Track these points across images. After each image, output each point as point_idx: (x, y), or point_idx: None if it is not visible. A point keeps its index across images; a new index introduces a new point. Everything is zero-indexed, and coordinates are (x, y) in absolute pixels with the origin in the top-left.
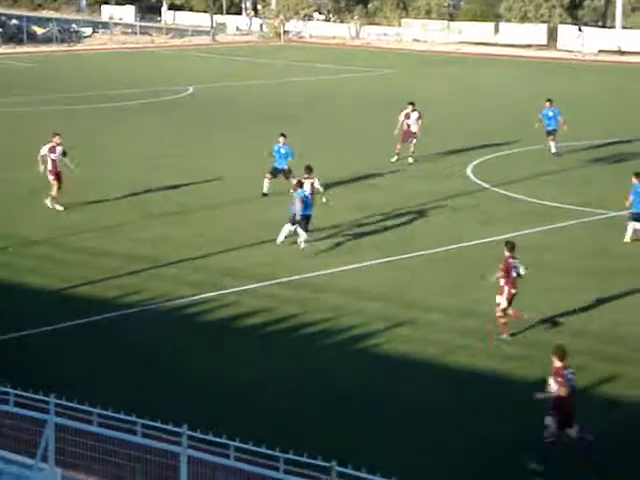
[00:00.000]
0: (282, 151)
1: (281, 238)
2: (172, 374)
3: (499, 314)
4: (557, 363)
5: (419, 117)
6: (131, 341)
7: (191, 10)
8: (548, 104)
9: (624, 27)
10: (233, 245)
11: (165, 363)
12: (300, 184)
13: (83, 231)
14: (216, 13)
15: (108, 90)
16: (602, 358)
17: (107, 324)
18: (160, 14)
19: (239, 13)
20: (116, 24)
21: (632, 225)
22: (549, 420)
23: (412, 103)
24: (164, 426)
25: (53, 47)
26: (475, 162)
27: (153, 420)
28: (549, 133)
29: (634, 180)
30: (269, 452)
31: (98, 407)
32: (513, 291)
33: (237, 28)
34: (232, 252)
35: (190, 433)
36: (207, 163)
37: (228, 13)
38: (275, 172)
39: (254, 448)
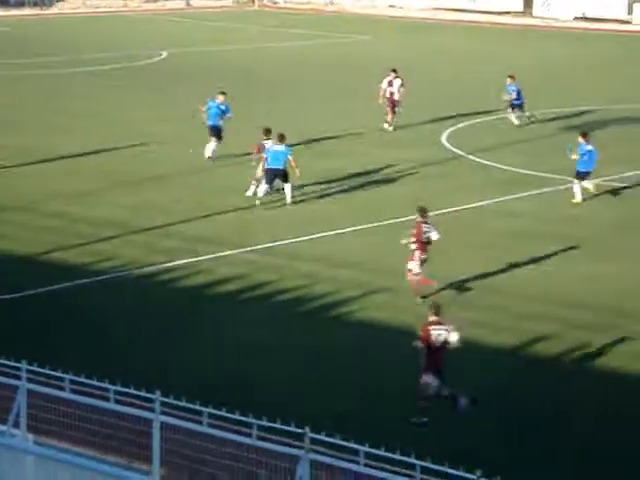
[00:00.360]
0: (222, 108)
1: (260, 194)
2: (144, 340)
3: (411, 278)
4: (431, 317)
5: (402, 84)
6: (103, 308)
7: None
8: (510, 80)
9: None
10: (207, 211)
11: (137, 330)
12: (262, 146)
13: (56, 197)
14: None
15: (81, 54)
16: (567, 325)
17: (78, 291)
18: None
19: None
20: None
21: (578, 184)
22: (428, 377)
23: (394, 70)
24: (137, 392)
25: (25, 11)
26: (450, 130)
27: (126, 386)
28: (513, 107)
29: (580, 139)
30: (242, 419)
31: (70, 373)
32: (423, 256)
33: None
34: (206, 219)
35: (163, 399)
36: (180, 128)
37: None
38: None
39: (227, 414)
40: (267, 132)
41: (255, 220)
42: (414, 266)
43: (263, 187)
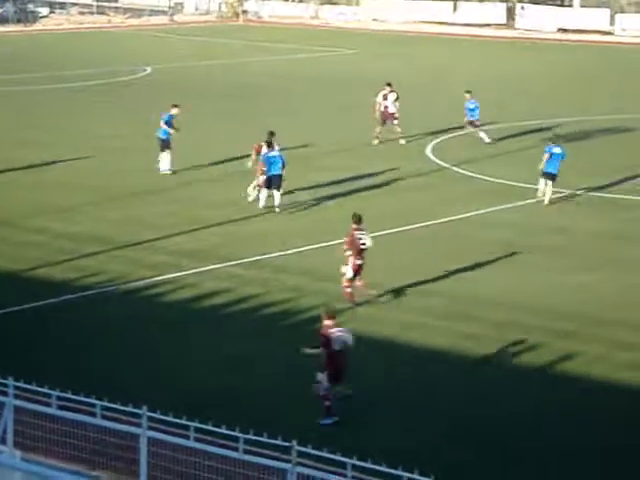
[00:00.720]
0: (165, 118)
1: (262, 203)
2: (130, 355)
3: (345, 284)
4: (326, 322)
5: (397, 98)
6: (89, 324)
7: None
8: (468, 95)
9: (582, 6)
10: (192, 225)
11: (123, 345)
12: (260, 147)
13: (39, 213)
14: None
15: (64, 70)
16: (551, 334)
17: (63, 307)
18: None
19: None
20: (73, 4)
21: (543, 182)
22: (320, 376)
23: (389, 84)
24: (123, 408)
25: (9, 27)
26: (434, 142)
27: (112, 402)
28: (472, 123)
29: (549, 142)
30: (228, 432)
31: (57, 390)
32: (358, 262)
33: (195, 8)
34: (192, 233)
35: (150, 414)
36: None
37: None
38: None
39: (213, 429)
40: (271, 135)
41: (241, 233)
42: (347, 270)
43: (265, 193)
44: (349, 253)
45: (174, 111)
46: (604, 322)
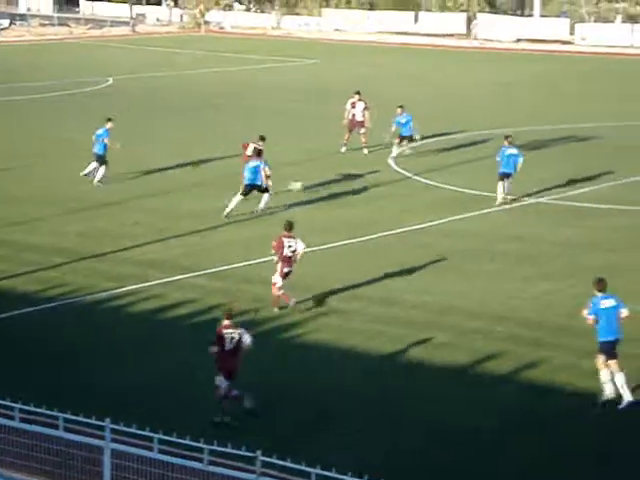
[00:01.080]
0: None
1: (229, 208)
2: (95, 367)
3: (275, 292)
4: (224, 322)
5: (365, 107)
6: (52, 336)
7: (110, 1)
8: (400, 110)
9: (542, 15)
10: (157, 236)
11: (87, 356)
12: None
13: (4, 225)
14: (135, 3)
15: (25, 82)
16: (513, 342)
17: (26, 319)
18: (78, 5)
19: (159, 3)
20: (34, 16)
21: (501, 184)
22: (218, 380)
23: (358, 92)
24: (87, 420)
25: None
26: (397, 151)
27: (76, 414)
28: (403, 138)
29: (504, 142)
30: (193, 444)
31: (20, 402)
32: (286, 269)
33: (157, 19)
34: (156, 244)
35: (113, 426)
36: (124, 154)
37: (148, 4)
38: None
39: (178, 440)
40: (262, 138)
41: (205, 244)
42: (277, 279)
43: (237, 199)
44: (276, 259)
45: (109, 125)
46: (567, 330)
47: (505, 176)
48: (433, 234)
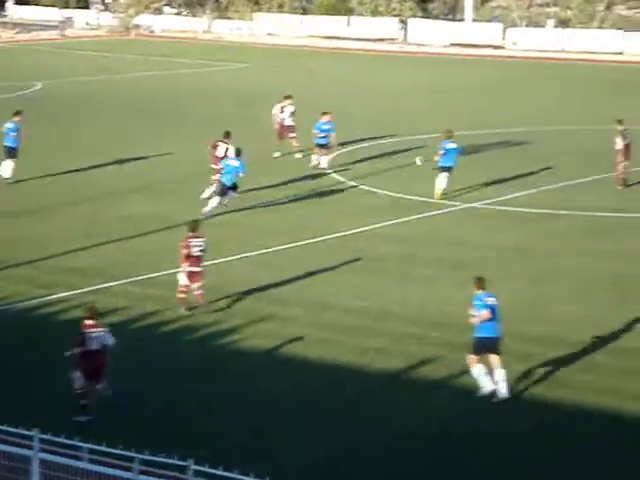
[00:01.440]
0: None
1: (208, 208)
2: (24, 375)
3: (180, 291)
4: (85, 321)
5: (294, 111)
6: None
7: (37, 4)
8: (326, 117)
9: (474, 20)
10: (88, 243)
11: (16, 365)
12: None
13: None
14: (64, 7)
15: None
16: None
17: None
18: (5, 9)
19: (87, 7)
20: None
21: (440, 177)
22: (75, 375)
23: (289, 96)
24: (15, 430)
25: None
26: (331, 156)
27: (2, 424)
28: (321, 146)
29: (444, 137)
30: (123, 453)
31: None
32: (190, 269)
33: (86, 23)
34: (87, 250)
35: (41, 436)
36: (51, 159)
37: (77, 7)
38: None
39: (107, 449)
40: (227, 135)
41: (137, 251)
42: (182, 278)
43: (215, 201)
44: (183, 259)
45: (17, 118)
46: (513, 335)
47: (445, 170)
48: (369, 239)
